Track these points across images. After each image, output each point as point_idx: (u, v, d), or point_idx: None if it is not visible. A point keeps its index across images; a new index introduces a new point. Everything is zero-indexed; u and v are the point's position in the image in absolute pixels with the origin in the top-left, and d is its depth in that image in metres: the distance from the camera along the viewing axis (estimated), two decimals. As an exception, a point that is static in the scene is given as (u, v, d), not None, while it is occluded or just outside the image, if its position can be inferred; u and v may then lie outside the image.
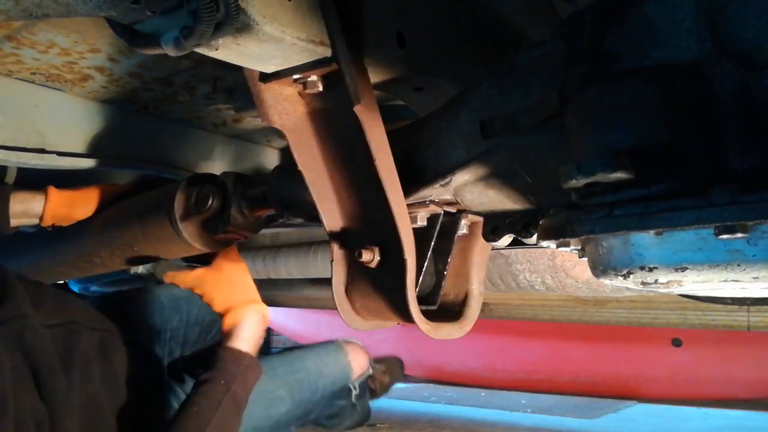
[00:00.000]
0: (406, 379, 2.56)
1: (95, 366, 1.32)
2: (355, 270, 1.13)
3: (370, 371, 2.19)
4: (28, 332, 1.17)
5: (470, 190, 1.08)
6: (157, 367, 1.66)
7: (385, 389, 2.35)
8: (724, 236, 0.68)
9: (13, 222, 1.45)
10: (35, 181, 1.60)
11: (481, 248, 1.27)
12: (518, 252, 1.82)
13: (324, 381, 1.94)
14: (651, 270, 0.76)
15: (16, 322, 1.17)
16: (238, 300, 1.41)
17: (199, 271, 1.44)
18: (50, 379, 1.17)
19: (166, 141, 1.86)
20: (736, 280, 0.73)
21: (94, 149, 1.69)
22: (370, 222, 1.12)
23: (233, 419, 1.33)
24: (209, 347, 1.51)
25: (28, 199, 1.46)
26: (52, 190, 1.48)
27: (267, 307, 1.45)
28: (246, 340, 1.38)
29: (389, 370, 2.36)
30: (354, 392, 2.07)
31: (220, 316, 1.42)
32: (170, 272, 1.47)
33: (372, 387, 2.29)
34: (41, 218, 1.47)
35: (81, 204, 1.51)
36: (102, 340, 1.37)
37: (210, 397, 1.30)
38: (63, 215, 1.49)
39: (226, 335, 1.39)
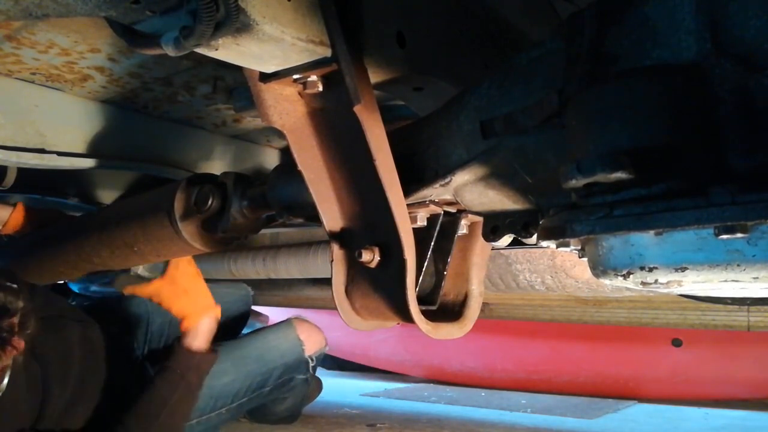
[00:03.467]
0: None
1: (77, 349, 1.62)
2: (355, 270, 1.13)
3: (327, 348, 2.35)
4: None
5: (470, 190, 1.08)
6: (131, 355, 2.00)
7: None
8: (724, 236, 0.68)
9: None
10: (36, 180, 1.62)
11: (481, 248, 1.26)
12: (518, 252, 1.82)
13: (272, 354, 2.11)
14: (651, 270, 0.76)
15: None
16: (192, 309, 1.70)
17: (156, 283, 1.68)
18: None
19: (166, 141, 1.86)
20: (736, 280, 0.73)
21: (94, 149, 1.69)
22: (370, 222, 1.11)
23: (188, 399, 1.69)
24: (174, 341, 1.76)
25: None
26: (20, 205, 1.79)
27: (219, 308, 1.76)
28: (200, 338, 1.71)
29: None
30: (311, 364, 2.22)
31: (179, 320, 1.73)
32: (129, 286, 1.70)
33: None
34: (4, 226, 1.78)
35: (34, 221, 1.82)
36: (84, 329, 1.66)
37: (169, 382, 1.65)
38: (20, 227, 1.81)
39: (184, 334, 1.71)
